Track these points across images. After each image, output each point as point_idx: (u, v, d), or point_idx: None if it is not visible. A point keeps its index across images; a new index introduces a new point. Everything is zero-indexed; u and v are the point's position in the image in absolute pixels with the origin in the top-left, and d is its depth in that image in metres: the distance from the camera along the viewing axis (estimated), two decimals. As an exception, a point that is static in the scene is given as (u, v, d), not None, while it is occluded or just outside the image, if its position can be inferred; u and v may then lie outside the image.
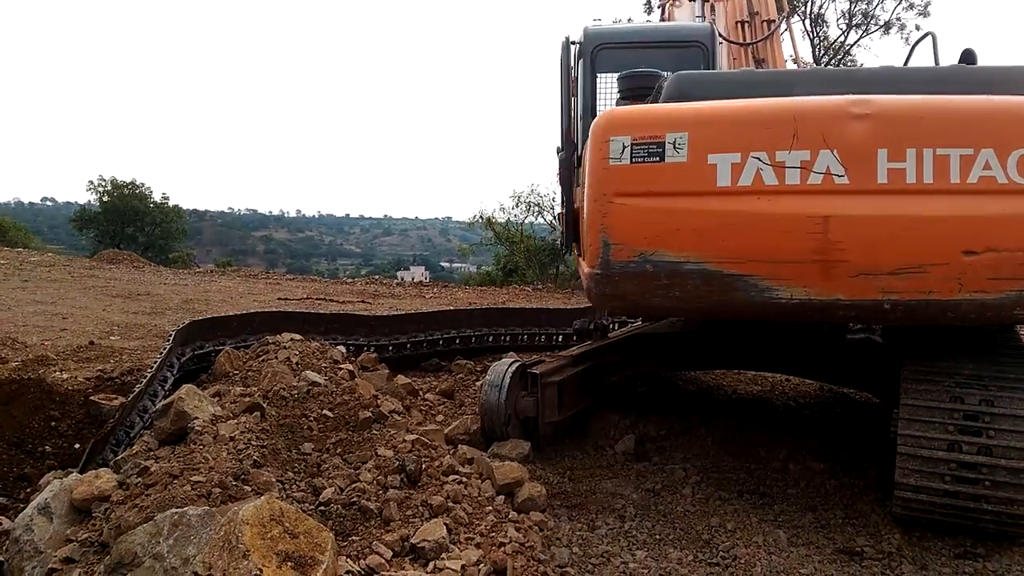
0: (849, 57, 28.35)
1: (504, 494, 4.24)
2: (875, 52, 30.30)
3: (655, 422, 6.01)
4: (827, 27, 29.30)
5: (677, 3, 9.49)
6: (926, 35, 4.98)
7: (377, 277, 23.54)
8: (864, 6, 28.27)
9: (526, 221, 24.75)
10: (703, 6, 7.49)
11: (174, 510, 3.02)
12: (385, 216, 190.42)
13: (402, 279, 26.22)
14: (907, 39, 28.27)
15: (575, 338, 6.98)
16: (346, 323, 7.20)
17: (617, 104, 5.28)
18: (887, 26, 27.90)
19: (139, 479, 3.65)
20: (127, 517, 3.25)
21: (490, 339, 8.15)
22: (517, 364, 5.40)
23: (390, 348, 7.30)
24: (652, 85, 5.10)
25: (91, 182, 39.99)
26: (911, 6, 28.06)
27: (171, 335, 5.61)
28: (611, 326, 7.37)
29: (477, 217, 25.75)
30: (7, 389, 5.73)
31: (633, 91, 5.17)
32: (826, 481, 4.97)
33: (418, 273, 53.75)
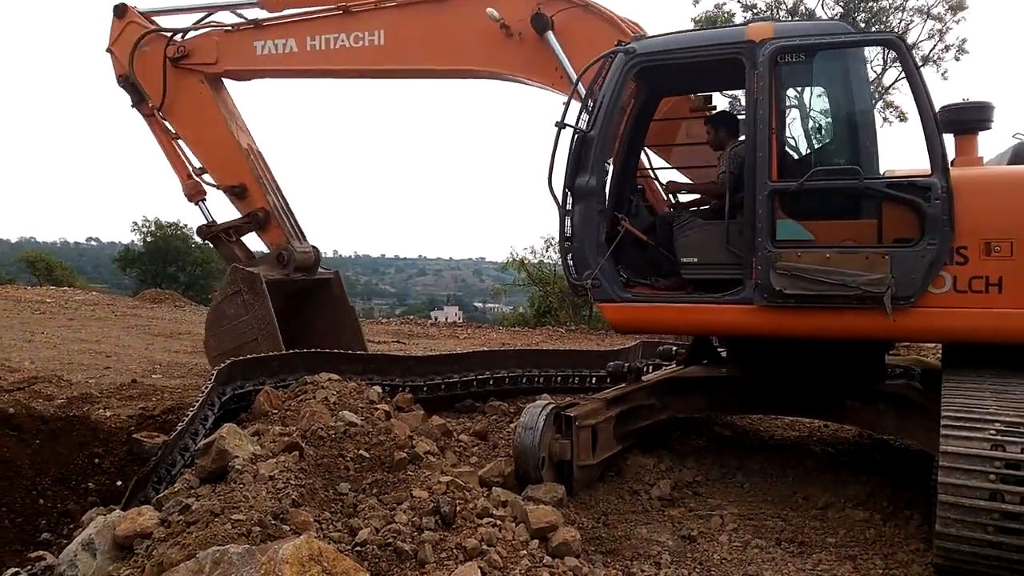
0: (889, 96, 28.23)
1: (538, 538, 4.23)
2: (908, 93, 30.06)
3: (691, 467, 5.98)
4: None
5: None
6: None
7: (412, 317, 23.72)
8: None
9: (559, 263, 24.83)
10: None
11: (216, 548, 3.07)
12: (420, 256, 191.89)
13: (436, 319, 26.37)
14: (944, 75, 28.15)
15: (609, 380, 6.97)
16: (382, 364, 7.22)
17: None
18: (925, 62, 27.73)
19: (181, 517, 3.72)
20: (169, 554, 3.31)
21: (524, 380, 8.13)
22: (551, 407, 5.41)
23: (424, 388, 7.34)
24: (988, 119, 4.99)
25: (135, 223, 40.96)
26: (947, 48, 28.01)
27: (212, 375, 5.72)
28: (645, 369, 7.35)
29: (510, 258, 25.89)
30: (53, 426, 5.89)
31: (966, 124, 5.04)
32: (865, 530, 4.89)
33: (452, 313, 53.95)
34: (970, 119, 5.16)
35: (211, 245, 8.80)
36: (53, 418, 6.03)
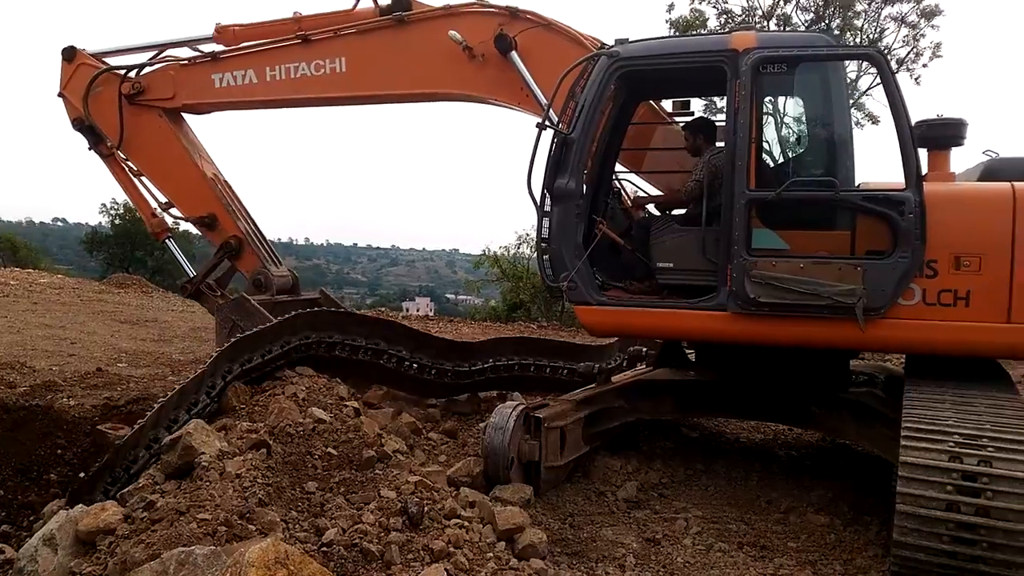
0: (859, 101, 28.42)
1: (505, 540, 4.26)
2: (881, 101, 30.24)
3: (658, 469, 6.04)
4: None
5: None
6: None
7: (383, 308, 23.59)
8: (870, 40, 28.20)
9: (532, 257, 24.83)
10: None
11: (181, 549, 3.06)
12: (392, 246, 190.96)
13: (407, 311, 26.28)
14: (917, 81, 28.38)
15: (579, 381, 7.00)
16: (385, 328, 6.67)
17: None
18: (899, 66, 27.88)
19: (145, 514, 3.69)
20: (133, 553, 3.29)
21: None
22: (522, 407, 5.43)
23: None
24: (961, 135, 5.11)
25: (104, 204, 40.26)
26: (919, 53, 28.26)
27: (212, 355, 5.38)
28: (621, 364, 7.38)
29: (484, 253, 25.83)
30: (16, 415, 5.81)
31: (940, 140, 5.12)
32: (826, 535, 4.98)
33: (423, 305, 53.89)
34: (944, 135, 5.25)
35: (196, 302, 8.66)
36: (16, 407, 5.95)
